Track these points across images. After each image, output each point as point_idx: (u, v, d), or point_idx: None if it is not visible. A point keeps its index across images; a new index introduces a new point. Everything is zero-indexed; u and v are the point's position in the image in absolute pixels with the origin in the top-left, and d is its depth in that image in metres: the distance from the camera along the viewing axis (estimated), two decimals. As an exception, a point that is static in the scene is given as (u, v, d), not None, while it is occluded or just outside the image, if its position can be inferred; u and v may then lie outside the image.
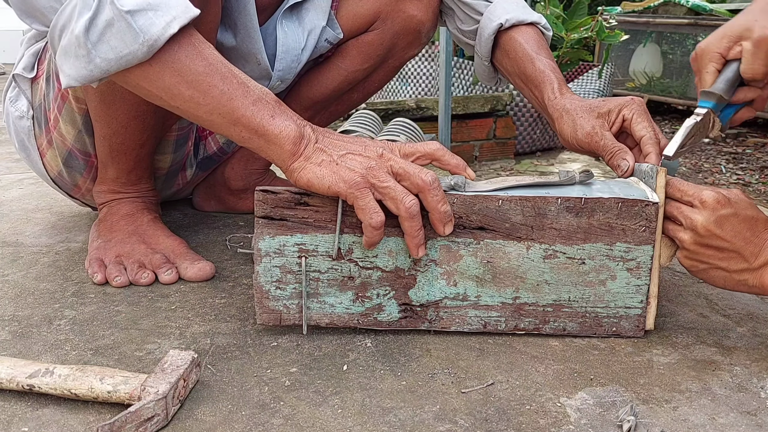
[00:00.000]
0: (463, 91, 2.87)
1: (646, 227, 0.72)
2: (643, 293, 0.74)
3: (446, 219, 0.69)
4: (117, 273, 0.90)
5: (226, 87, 0.68)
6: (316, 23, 1.00)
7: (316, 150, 0.69)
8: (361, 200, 0.66)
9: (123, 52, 0.65)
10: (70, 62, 0.67)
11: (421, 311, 0.75)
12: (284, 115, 0.69)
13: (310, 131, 0.70)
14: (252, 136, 0.69)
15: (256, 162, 1.19)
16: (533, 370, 0.70)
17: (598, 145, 0.83)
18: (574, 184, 0.76)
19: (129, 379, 0.61)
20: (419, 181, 0.67)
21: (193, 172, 1.17)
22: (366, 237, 0.69)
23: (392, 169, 0.68)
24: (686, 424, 0.62)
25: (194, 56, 0.68)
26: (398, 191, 0.67)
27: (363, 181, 0.66)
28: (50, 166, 1.05)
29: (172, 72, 0.67)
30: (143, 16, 0.64)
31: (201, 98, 0.68)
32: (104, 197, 1.01)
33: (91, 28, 0.65)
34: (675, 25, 3.60)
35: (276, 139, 0.68)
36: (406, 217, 0.67)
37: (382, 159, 0.69)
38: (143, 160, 0.99)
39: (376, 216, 0.67)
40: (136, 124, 0.92)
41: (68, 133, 0.98)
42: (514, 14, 0.97)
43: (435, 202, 0.68)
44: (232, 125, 0.69)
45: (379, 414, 0.62)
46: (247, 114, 0.68)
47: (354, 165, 0.67)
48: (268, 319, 0.75)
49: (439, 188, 0.68)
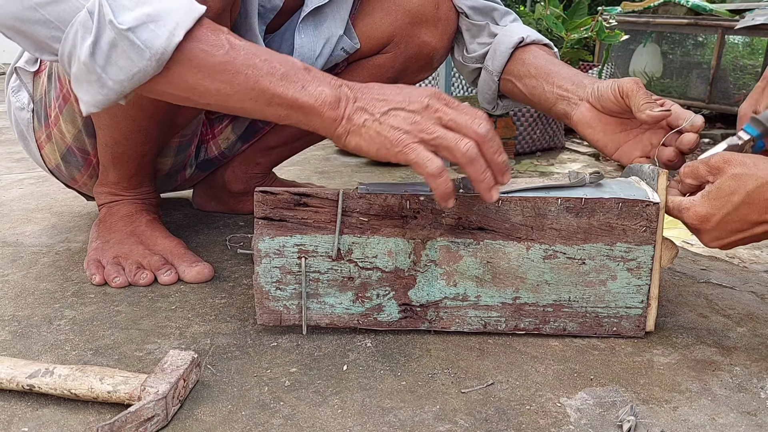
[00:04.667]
0: (463, 91, 2.87)
1: (647, 227, 0.72)
2: (643, 293, 0.74)
3: (505, 169, 0.67)
4: (115, 274, 0.90)
5: (249, 70, 0.65)
6: (334, 31, 0.98)
7: (357, 110, 0.65)
8: (411, 154, 0.63)
9: (133, 70, 0.63)
10: (84, 89, 0.66)
11: (421, 311, 0.75)
12: (316, 82, 0.66)
13: (347, 90, 0.66)
14: (290, 112, 0.66)
15: (257, 166, 1.18)
16: (533, 370, 0.70)
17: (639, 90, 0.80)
18: (585, 185, 0.75)
19: (129, 379, 0.61)
20: (472, 134, 0.64)
21: (192, 171, 1.17)
22: (434, 191, 0.65)
23: (441, 120, 0.64)
24: (686, 425, 0.61)
25: (210, 47, 0.65)
26: (449, 138, 0.63)
27: (409, 138, 0.63)
28: (48, 159, 1.05)
29: (191, 70, 0.65)
30: (145, 30, 0.62)
31: (228, 88, 0.65)
32: (104, 198, 1.01)
33: (96, 52, 0.63)
34: (675, 25, 3.59)
35: (313, 109, 0.65)
36: (466, 163, 0.64)
37: (429, 110, 0.65)
38: (145, 167, 1.00)
39: (431, 163, 0.63)
40: (138, 136, 0.92)
41: (68, 131, 0.98)
42: (532, 34, 0.99)
43: (491, 154, 0.65)
44: (266, 107, 0.66)
45: (379, 414, 0.62)
46: (278, 92, 0.65)
47: (399, 122, 0.64)
48: (268, 319, 0.75)
49: (494, 137, 0.65)
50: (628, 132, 0.86)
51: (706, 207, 0.68)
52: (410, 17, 1.00)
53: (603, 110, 0.86)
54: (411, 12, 1.00)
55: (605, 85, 0.84)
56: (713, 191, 0.68)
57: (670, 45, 4.09)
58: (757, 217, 0.67)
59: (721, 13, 3.41)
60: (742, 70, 4.07)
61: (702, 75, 3.77)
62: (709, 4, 3.64)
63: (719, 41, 3.51)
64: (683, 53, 4.03)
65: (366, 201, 0.71)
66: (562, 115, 0.92)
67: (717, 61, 3.56)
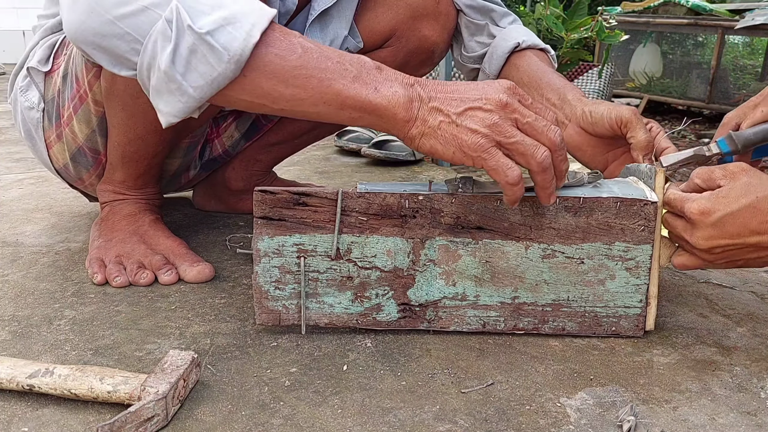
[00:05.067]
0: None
1: (645, 226, 0.72)
2: (642, 293, 0.74)
3: (564, 176, 0.68)
4: (117, 273, 0.90)
5: (323, 74, 0.65)
6: (339, 32, 0.99)
7: (431, 110, 0.65)
8: (490, 161, 0.63)
9: (212, 75, 0.63)
10: (164, 100, 0.65)
11: (420, 311, 0.75)
12: (388, 83, 0.65)
13: (420, 90, 0.66)
14: (362, 114, 0.66)
15: (257, 164, 1.19)
16: (533, 370, 0.70)
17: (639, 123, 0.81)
18: (584, 185, 0.75)
19: (129, 379, 0.61)
20: (546, 141, 0.64)
21: (196, 172, 1.17)
22: (506, 196, 0.66)
23: (518, 122, 0.64)
24: (686, 424, 0.61)
25: (283, 52, 0.64)
26: (528, 145, 0.63)
27: (487, 142, 0.63)
28: (56, 159, 1.05)
29: (266, 76, 0.65)
30: (223, 32, 0.62)
31: (302, 93, 0.65)
32: (108, 197, 1.01)
33: (176, 59, 0.63)
34: (675, 25, 3.59)
35: (386, 111, 0.65)
36: (538, 171, 0.65)
37: (506, 110, 0.64)
38: (153, 168, 1.00)
39: (511, 172, 0.63)
40: (152, 137, 0.92)
41: (81, 131, 0.98)
42: (529, 38, 1.00)
43: (558, 162, 0.66)
44: (339, 110, 0.66)
45: (378, 414, 0.62)
46: (351, 94, 0.65)
47: (475, 124, 0.63)
48: (268, 319, 0.75)
49: (564, 146, 0.66)
50: (615, 151, 0.89)
51: (711, 202, 0.68)
52: (411, 11, 1.01)
53: (594, 134, 0.87)
54: (412, 6, 1.01)
55: (600, 112, 0.85)
56: (724, 191, 0.68)
57: (670, 45, 4.09)
58: (756, 225, 0.66)
59: (721, 13, 3.41)
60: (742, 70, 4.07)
61: (702, 75, 3.76)
62: (709, 4, 3.64)
63: (719, 41, 3.51)
64: (683, 53, 4.03)
65: (365, 200, 0.71)
66: None
67: (717, 61, 3.56)
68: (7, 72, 4.08)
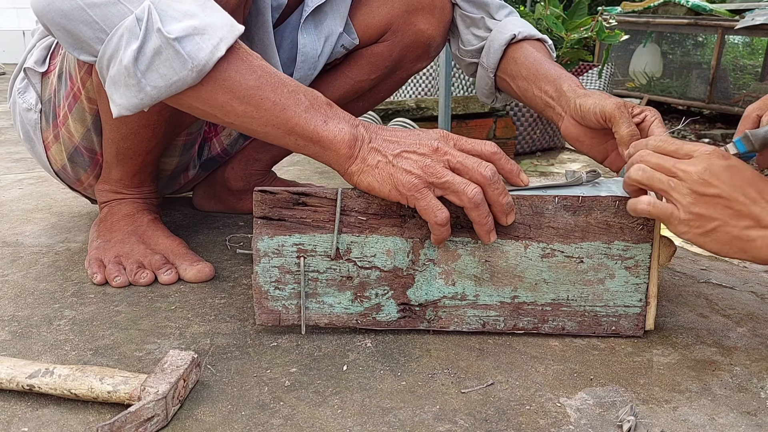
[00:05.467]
0: (463, 91, 2.87)
1: (644, 225, 0.72)
2: (641, 292, 0.74)
3: (509, 210, 0.70)
4: (116, 273, 0.90)
5: (277, 98, 0.68)
6: (334, 29, 1.00)
7: (371, 150, 0.68)
8: (421, 201, 0.66)
9: (173, 79, 0.65)
10: (120, 92, 0.67)
11: (420, 311, 0.75)
12: (336, 118, 0.69)
13: (363, 131, 0.69)
14: (307, 143, 0.69)
15: (256, 163, 1.19)
16: (533, 370, 0.70)
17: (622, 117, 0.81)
18: (582, 184, 0.75)
19: (129, 379, 0.61)
20: (478, 176, 0.67)
21: (195, 172, 1.17)
22: (433, 235, 0.69)
23: (449, 163, 0.67)
24: (686, 424, 0.61)
25: (244, 71, 0.67)
26: (458, 183, 0.66)
27: (420, 182, 0.66)
28: (54, 160, 1.05)
29: (223, 90, 0.67)
30: (190, 41, 0.64)
31: (254, 112, 0.68)
32: (106, 196, 1.01)
33: (139, 58, 0.64)
34: (675, 25, 3.60)
35: (331, 144, 0.68)
36: (471, 208, 0.67)
37: (438, 153, 0.68)
38: (149, 165, 1.00)
39: (440, 213, 0.66)
40: (145, 132, 0.92)
41: (77, 130, 0.98)
42: (525, 29, 1.00)
43: (496, 196, 0.68)
44: (287, 135, 0.69)
45: (378, 414, 0.62)
46: (300, 123, 0.68)
47: (410, 165, 0.67)
48: (267, 319, 0.75)
49: (498, 180, 0.68)
50: (614, 140, 0.88)
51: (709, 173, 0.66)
52: (406, 5, 1.02)
53: (587, 126, 0.89)
54: (407, 0, 1.01)
55: (588, 106, 0.86)
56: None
57: (670, 45, 4.09)
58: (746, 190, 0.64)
59: (721, 13, 3.41)
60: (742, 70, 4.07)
61: (702, 75, 3.76)
62: (709, 4, 3.64)
63: (719, 41, 3.50)
64: (683, 53, 4.03)
65: (364, 200, 0.71)
66: (552, 121, 0.96)
67: (717, 61, 3.56)
68: (7, 72, 4.08)
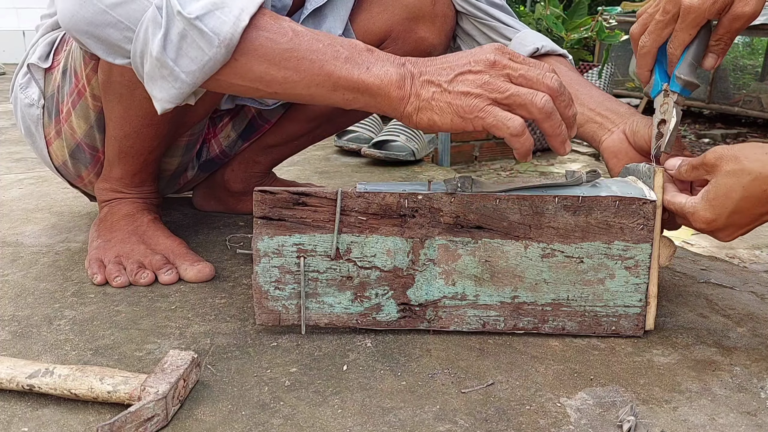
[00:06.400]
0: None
1: (644, 225, 0.72)
2: (642, 292, 0.74)
3: (573, 123, 0.67)
4: (117, 273, 0.90)
5: (314, 55, 0.65)
6: (333, 31, 0.99)
7: (424, 83, 0.65)
8: (488, 118, 0.63)
9: (203, 59, 0.64)
10: (158, 86, 0.67)
11: (420, 311, 0.75)
12: (380, 62, 0.66)
13: (411, 67, 0.66)
14: (356, 95, 0.67)
15: (256, 165, 1.19)
16: (533, 370, 0.70)
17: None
18: (581, 184, 0.75)
19: (129, 379, 0.61)
20: (544, 88, 0.64)
21: (194, 173, 1.17)
22: (516, 151, 0.66)
23: (510, 77, 0.64)
24: (686, 425, 0.61)
25: (274, 35, 0.65)
26: (524, 94, 0.63)
27: (481, 102, 0.63)
28: (55, 156, 1.05)
29: (258, 59, 0.65)
30: (212, 17, 0.63)
31: (294, 75, 0.66)
32: (106, 195, 1.01)
33: (167, 45, 0.64)
34: (675, 24, 3.59)
35: (379, 89, 0.65)
36: (543, 118, 0.64)
37: (496, 67, 0.64)
38: (150, 165, 1.00)
39: (512, 123, 0.63)
40: (148, 130, 0.92)
41: (79, 127, 0.99)
42: (546, 44, 0.98)
43: (563, 107, 0.65)
44: (332, 91, 0.67)
45: (379, 414, 0.62)
46: (344, 75, 0.65)
47: (467, 87, 0.63)
48: (267, 319, 0.75)
49: (565, 91, 0.65)
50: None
51: (708, 211, 0.68)
52: (407, 13, 1.01)
53: (634, 145, 0.85)
54: (408, 7, 1.00)
55: (644, 123, 0.83)
56: (711, 191, 0.67)
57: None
58: (761, 209, 0.66)
59: None
60: (742, 70, 4.07)
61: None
62: (709, 3, 3.62)
63: (719, 41, 3.48)
64: (683, 53, 4.01)
65: (364, 200, 0.71)
66: (589, 137, 0.91)
67: (717, 60, 3.54)
68: (7, 72, 4.08)
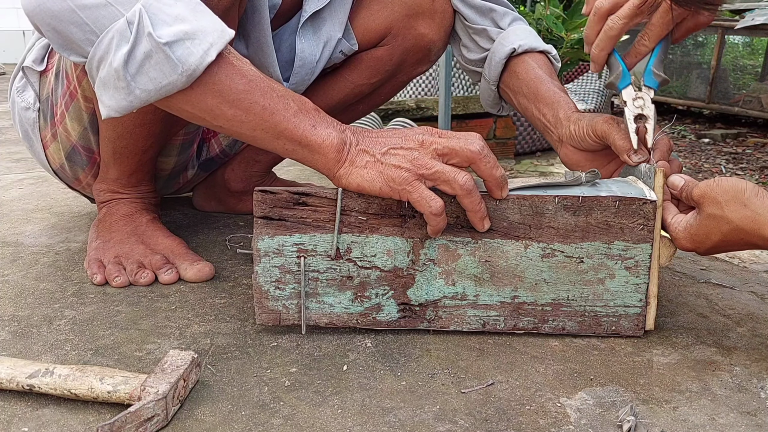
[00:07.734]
0: (463, 91, 2.87)
1: (644, 225, 0.72)
2: (642, 292, 0.74)
3: (503, 183, 0.70)
4: (116, 273, 0.90)
5: (266, 102, 0.68)
6: (333, 34, 1.00)
7: (359, 152, 0.69)
8: (414, 193, 0.67)
9: (162, 82, 0.65)
10: (109, 93, 0.68)
11: (420, 311, 0.75)
12: (324, 123, 0.70)
13: (350, 135, 0.70)
14: (296, 147, 0.70)
15: (256, 164, 1.19)
16: (533, 370, 0.70)
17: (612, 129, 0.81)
18: (581, 184, 0.75)
19: (129, 379, 0.61)
20: (469, 154, 0.68)
21: (194, 172, 1.17)
22: (430, 227, 0.70)
23: (437, 152, 0.68)
24: (686, 425, 0.61)
25: (234, 75, 0.68)
26: (448, 172, 0.67)
27: (410, 175, 0.67)
28: (53, 159, 1.05)
29: (213, 94, 0.68)
30: (181, 46, 0.65)
31: (243, 116, 0.68)
32: (104, 196, 1.01)
33: (129, 61, 0.65)
34: (675, 25, 3.59)
35: (319, 148, 0.69)
36: (463, 195, 0.68)
37: (425, 146, 0.68)
38: (146, 164, 1.00)
39: (434, 203, 0.67)
40: (141, 131, 0.92)
41: (74, 129, 0.99)
42: (526, 41, 0.98)
43: (489, 169, 0.69)
44: (275, 139, 0.69)
45: (379, 414, 0.62)
46: (289, 127, 0.68)
47: (398, 160, 0.68)
48: (268, 319, 0.75)
49: (489, 154, 0.69)
50: (616, 159, 0.86)
51: (689, 242, 0.72)
52: (407, 9, 1.02)
53: (587, 150, 0.87)
54: (407, 4, 1.01)
55: (580, 128, 0.85)
56: (693, 227, 0.71)
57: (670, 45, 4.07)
58: (740, 247, 0.70)
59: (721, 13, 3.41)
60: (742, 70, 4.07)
61: (702, 75, 3.76)
62: (709, 4, 3.61)
63: (719, 41, 3.50)
64: (683, 53, 4.03)
65: (364, 200, 0.71)
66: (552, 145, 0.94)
67: (717, 61, 3.55)
68: (7, 72, 4.08)
